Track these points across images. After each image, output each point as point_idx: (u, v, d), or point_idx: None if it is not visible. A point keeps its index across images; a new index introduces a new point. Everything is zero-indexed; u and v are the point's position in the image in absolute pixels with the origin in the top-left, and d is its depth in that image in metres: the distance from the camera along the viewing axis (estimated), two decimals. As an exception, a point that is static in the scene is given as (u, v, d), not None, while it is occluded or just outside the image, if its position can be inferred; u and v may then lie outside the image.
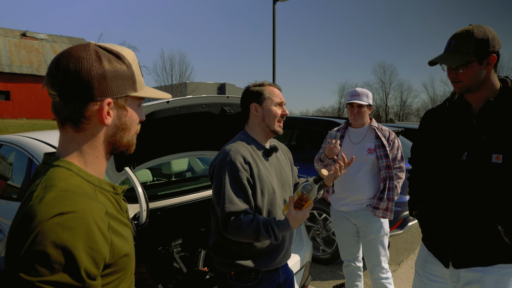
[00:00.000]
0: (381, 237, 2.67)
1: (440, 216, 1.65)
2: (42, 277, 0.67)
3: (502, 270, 1.52)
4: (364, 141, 2.67)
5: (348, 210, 2.71)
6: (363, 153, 2.64)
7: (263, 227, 1.54)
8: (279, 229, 1.54)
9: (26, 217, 0.71)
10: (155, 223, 2.55)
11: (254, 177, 1.65)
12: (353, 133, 2.75)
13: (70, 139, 0.85)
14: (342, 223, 2.78)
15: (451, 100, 1.70)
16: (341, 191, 2.74)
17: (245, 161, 1.64)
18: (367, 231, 2.67)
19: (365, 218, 2.66)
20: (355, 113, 2.67)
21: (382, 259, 2.68)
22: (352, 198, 2.68)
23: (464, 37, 1.51)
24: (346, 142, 2.73)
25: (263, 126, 1.76)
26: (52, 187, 0.76)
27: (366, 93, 2.67)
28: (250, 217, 1.57)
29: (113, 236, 0.79)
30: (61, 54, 0.82)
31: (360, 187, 2.64)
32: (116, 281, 0.83)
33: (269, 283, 1.77)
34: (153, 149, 2.47)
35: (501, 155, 1.46)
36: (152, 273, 1.92)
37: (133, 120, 0.91)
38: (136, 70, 0.89)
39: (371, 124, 2.72)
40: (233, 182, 1.60)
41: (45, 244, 0.67)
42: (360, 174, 2.64)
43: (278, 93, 1.78)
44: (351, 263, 2.86)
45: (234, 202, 1.57)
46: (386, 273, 2.69)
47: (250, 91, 1.79)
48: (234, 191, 1.59)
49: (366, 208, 2.65)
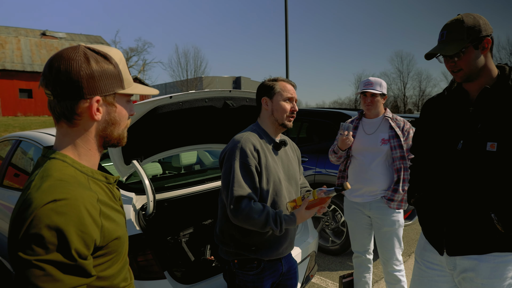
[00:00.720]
0: (396, 229, 2.63)
1: (436, 204, 1.67)
2: (38, 256, 0.75)
3: (497, 259, 1.52)
4: (378, 132, 2.64)
5: (362, 201, 2.68)
6: (377, 144, 2.61)
7: (272, 218, 1.62)
8: (285, 222, 1.64)
9: (24, 203, 0.81)
10: (163, 214, 2.65)
11: (261, 165, 1.72)
12: (367, 123, 2.71)
13: (64, 134, 0.93)
14: (355, 215, 2.75)
15: (449, 88, 1.70)
16: (355, 182, 2.70)
17: (254, 149, 1.72)
18: (381, 223, 2.63)
19: (379, 210, 2.62)
20: (368, 102, 2.63)
21: (396, 251, 2.65)
22: (366, 189, 2.65)
23: (455, 26, 1.52)
24: (360, 133, 2.70)
25: (272, 119, 1.82)
26: (47, 177, 0.85)
27: (380, 82, 2.62)
28: (260, 206, 1.64)
29: (104, 220, 0.88)
30: (54, 56, 0.90)
31: (374, 178, 2.61)
32: (108, 262, 0.92)
33: (272, 272, 1.82)
34: (160, 143, 2.55)
35: (495, 143, 1.46)
36: (159, 260, 2.01)
37: (122, 116, 0.98)
38: (123, 69, 0.96)
39: (385, 115, 2.68)
40: (243, 168, 1.67)
41: (40, 227, 0.76)
42: (374, 165, 2.61)
43: (290, 89, 1.83)
44: (361, 255, 2.83)
45: (243, 186, 1.64)
46: (399, 265, 2.67)
47: (263, 85, 1.86)
48: (242, 176, 1.66)
49: (380, 200, 2.62)
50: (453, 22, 1.53)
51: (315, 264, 2.82)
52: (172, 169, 3.92)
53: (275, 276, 1.85)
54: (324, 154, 4.25)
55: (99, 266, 0.89)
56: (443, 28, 1.56)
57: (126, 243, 1.01)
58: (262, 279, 1.79)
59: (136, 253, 1.96)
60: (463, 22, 1.50)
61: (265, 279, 1.80)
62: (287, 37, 14.38)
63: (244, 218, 1.61)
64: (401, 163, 2.58)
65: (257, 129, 1.84)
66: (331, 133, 4.36)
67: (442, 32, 1.56)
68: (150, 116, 2.11)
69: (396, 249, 2.65)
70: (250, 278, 1.78)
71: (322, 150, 4.30)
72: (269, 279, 1.82)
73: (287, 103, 1.80)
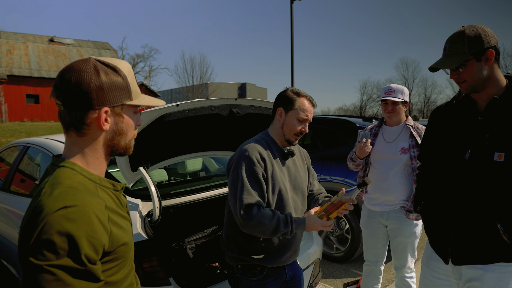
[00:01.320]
0: (412, 240, 2.60)
1: (442, 213, 1.67)
2: (49, 261, 0.78)
3: (502, 269, 1.52)
4: (398, 140, 2.58)
5: (381, 210, 2.64)
6: (396, 153, 2.55)
7: (283, 220, 1.65)
8: (296, 224, 1.66)
9: (35, 210, 0.83)
10: (169, 220, 2.67)
11: (268, 174, 1.73)
12: (387, 131, 2.66)
13: (73, 143, 0.97)
14: (372, 224, 2.71)
15: (457, 97, 1.71)
16: (373, 191, 2.67)
17: (261, 157, 1.73)
18: (398, 233, 2.60)
19: (397, 221, 2.58)
20: (389, 110, 2.58)
21: (409, 260, 2.64)
22: (385, 199, 2.61)
23: (457, 39, 1.53)
24: (379, 141, 2.66)
25: (280, 132, 1.83)
26: (58, 185, 0.88)
27: (402, 89, 2.57)
28: (270, 212, 1.65)
29: (113, 227, 0.91)
30: (65, 68, 0.93)
31: (392, 187, 2.57)
32: (116, 268, 0.95)
33: (275, 279, 1.83)
34: (166, 150, 2.58)
35: (503, 153, 1.46)
36: (164, 267, 2.03)
37: (129, 126, 1.02)
38: (131, 81, 0.99)
39: (407, 123, 2.62)
40: (250, 176, 1.69)
41: (51, 233, 0.79)
42: (392, 174, 2.57)
43: (308, 109, 1.79)
44: (372, 265, 2.80)
45: (252, 194, 1.65)
46: (410, 273, 2.68)
47: (285, 95, 1.82)
48: (251, 184, 1.67)
49: (399, 210, 2.58)
50: (455, 35, 1.55)
51: (319, 271, 2.82)
52: (178, 175, 3.95)
53: (278, 283, 1.85)
54: (328, 161, 4.26)
55: (107, 271, 0.92)
56: (447, 41, 1.58)
57: (132, 249, 1.03)
58: (265, 286, 1.80)
59: (142, 260, 1.98)
60: (464, 34, 1.51)
61: (268, 285, 1.80)
62: (292, 43, 14.46)
63: (256, 225, 1.62)
64: None
65: (266, 137, 1.85)
66: (336, 140, 4.37)
67: (445, 45, 1.59)
68: (157, 123, 2.14)
69: (409, 258, 2.65)
70: (252, 284, 1.79)
71: (327, 157, 4.31)
72: (272, 285, 1.82)
73: (299, 124, 1.79)
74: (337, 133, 4.37)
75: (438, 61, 1.60)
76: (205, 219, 3.05)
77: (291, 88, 1.85)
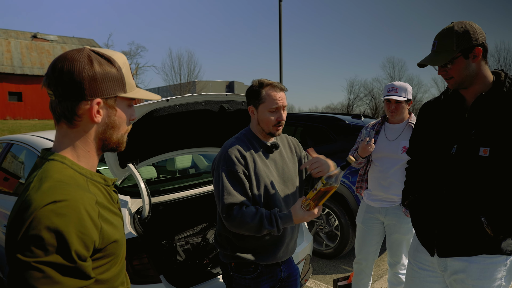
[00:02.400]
0: (409, 238, 2.61)
1: (428, 206, 1.69)
2: (37, 258, 0.75)
3: (486, 260, 1.56)
4: (400, 139, 2.55)
5: (380, 206, 2.64)
6: (397, 151, 2.53)
7: (267, 219, 1.59)
8: (282, 220, 1.59)
9: (23, 205, 0.80)
10: (158, 217, 2.64)
11: (249, 171, 1.69)
12: (389, 129, 2.64)
13: (64, 135, 0.93)
14: (369, 220, 2.71)
15: (446, 93, 1.73)
16: (374, 188, 2.67)
17: (241, 155, 1.69)
18: (395, 230, 2.61)
19: (395, 218, 2.58)
20: (393, 109, 2.54)
21: (404, 256, 2.66)
22: (385, 196, 2.61)
23: (446, 35, 1.54)
24: (381, 138, 2.63)
25: (259, 128, 1.77)
26: (47, 178, 0.84)
27: (405, 87, 2.52)
28: (253, 210, 1.60)
29: (103, 223, 0.88)
30: (58, 57, 0.90)
31: (392, 185, 2.56)
32: (107, 265, 0.92)
33: (269, 277, 1.80)
34: (156, 146, 2.55)
35: (488, 148, 1.49)
36: (154, 264, 2.00)
37: (122, 119, 0.99)
38: (126, 73, 0.96)
39: (409, 120, 2.59)
40: (230, 175, 1.66)
41: (40, 229, 0.76)
42: (392, 172, 2.55)
43: (276, 97, 1.71)
44: (362, 262, 2.80)
45: (232, 194, 1.62)
46: (404, 269, 2.70)
47: (250, 90, 1.77)
48: (231, 184, 1.64)
49: (398, 207, 2.57)
50: (444, 31, 1.56)
51: (309, 267, 2.83)
52: (167, 173, 3.91)
53: (273, 281, 1.82)
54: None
55: (98, 269, 0.89)
56: (435, 37, 1.60)
57: (124, 246, 1.00)
58: (259, 284, 1.77)
59: (132, 257, 1.95)
60: (453, 31, 1.53)
61: (262, 283, 1.77)
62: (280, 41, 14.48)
63: (238, 224, 1.60)
64: None
65: (247, 133, 1.81)
66: (325, 137, 4.39)
67: (434, 41, 1.60)
68: (147, 119, 2.10)
69: (403, 255, 2.67)
70: (246, 282, 1.76)
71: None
72: (266, 284, 1.79)
73: (272, 115, 1.72)
74: (326, 130, 4.39)
75: (426, 57, 1.62)
76: (195, 216, 3.03)
77: (256, 80, 1.76)
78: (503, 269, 1.56)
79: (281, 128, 1.76)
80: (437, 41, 1.58)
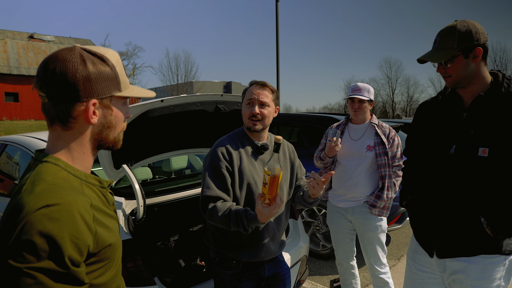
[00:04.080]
0: (378, 234, 2.65)
1: (427, 207, 1.69)
2: (29, 264, 0.72)
3: (485, 260, 1.55)
4: (364, 138, 2.65)
5: (345, 206, 2.69)
6: (362, 150, 2.62)
7: (234, 217, 1.59)
8: (247, 220, 1.57)
9: (15, 208, 0.77)
10: (153, 219, 2.62)
11: (233, 167, 1.72)
12: (353, 129, 2.72)
13: (58, 137, 0.90)
14: (338, 219, 2.77)
15: (443, 93, 1.72)
16: (339, 187, 2.72)
17: (227, 151, 1.74)
18: (364, 228, 2.65)
19: (362, 215, 2.64)
20: (356, 108, 2.64)
21: (380, 254, 2.68)
22: (350, 195, 2.66)
23: (448, 33, 1.54)
24: (345, 138, 2.71)
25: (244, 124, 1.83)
26: (40, 181, 0.82)
27: (368, 88, 2.64)
28: (226, 205, 1.64)
29: (98, 227, 0.85)
30: (49, 57, 0.87)
31: (358, 184, 2.63)
32: (101, 269, 0.89)
33: (251, 275, 1.81)
34: (151, 147, 2.53)
35: (487, 149, 1.48)
36: (149, 266, 1.98)
37: (118, 119, 0.96)
38: (120, 71, 0.94)
39: (371, 121, 2.70)
40: (212, 169, 1.72)
41: (32, 234, 0.73)
42: (358, 171, 2.62)
43: (253, 91, 1.77)
44: (343, 262, 2.83)
45: (211, 188, 1.67)
46: (384, 268, 2.70)
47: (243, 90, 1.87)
48: (212, 178, 1.70)
49: (363, 205, 2.63)
50: (447, 29, 1.56)
51: (306, 268, 2.81)
52: (163, 173, 3.89)
53: (256, 279, 1.83)
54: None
55: (92, 273, 0.86)
56: (438, 34, 1.59)
57: (119, 249, 0.97)
58: (240, 280, 1.78)
59: (126, 259, 1.93)
60: (456, 29, 1.52)
61: (243, 280, 1.79)
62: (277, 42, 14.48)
63: (210, 218, 1.65)
64: (385, 170, 2.58)
65: (239, 132, 1.86)
66: (321, 137, 4.39)
67: (436, 37, 1.59)
68: (141, 119, 2.09)
69: (379, 253, 2.68)
70: (228, 277, 1.79)
71: (313, 154, 4.31)
72: (248, 280, 1.80)
73: (247, 108, 1.78)
74: (323, 131, 4.38)
75: (427, 53, 1.61)
76: (190, 218, 3.01)
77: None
78: (502, 269, 1.55)
79: (258, 123, 1.77)
80: (438, 38, 1.57)
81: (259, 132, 1.80)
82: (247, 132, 1.83)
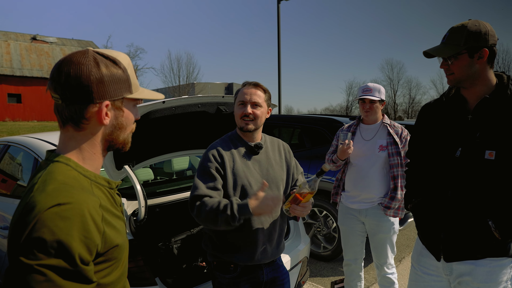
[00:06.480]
0: (391, 236, 2.64)
1: (434, 210, 1.67)
2: (40, 261, 0.74)
3: (492, 263, 1.55)
4: (376, 138, 2.63)
5: (359, 208, 2.67)
6: (374, 150, 2.60)
7: (223, 205, 1.58)
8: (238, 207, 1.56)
9: (27, 207, 0.79)
10: (154, 219, 2.63)
11: (226, 169, 1.73)
12: (365, 129, 2.71)
13: (70, 138, 0.93)
14: (350, 221, 2.74)
15: (447, 95, 1.71)
16: (352, 189, 2.70)
17: (218, 154, 1.74)
18: (377, 230, 2.64)
19: (376, 217, 2.62)
20: (367, 108, 2.63)
21: (390, 256, 2.68)
22: (364, 196, 2.64)
23: (458, 30, 1.54)
24: (357, 139, 2.69)
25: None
26: (51, 180, 0.84)
27: (378, 88, 2.62)
28: (214, 200, 1.63)
29: (106, 227, 0.87)
30: (63, 60, 0.89)
31: (371, 185, 2.61)
32: (108, 269, 0.91)
33: (250, 279, 1.79)
34: (152, 148, 2.54)
35: (494, 151, 1.48)
36: (150, 267, 1.99)
37: (129, 120, 1.00)
38: (131, 74, 0.97)
39: (383, 121, 2.68)
40: (202, 170, 1.73)
41: (43, 231, 0.75)
42: (371, 172, 2.60)
43: (244, 92, 1.78)
44: (352, 263, 2.82)
45: (199, 187, 1.68)
46: (392, 269, 2.71)
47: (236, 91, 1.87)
48: (201, 179, 1.71)
49: (377, 207, 2.61)
50: (458, 26, 1.56)
51: (307, 270, 2.82)
52: (164, 174, 3.90)
53: (255, 284, 1.81)
54: (316, 160, 4.27)
55: (99, 272, 0.88)
56: (448, 30, 1.59)
57: (126, 250, 0.99)
58: (238, 284, 1.77)
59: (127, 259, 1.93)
60: (466, 27, 1.52)
61: (241, 284, 1.78)
62: (279, 43, 14.50)
63: (198, 215, 1.63)
64: (398, 170, 2.57)
65: (232, 135, 1.86)
66: (323, 139, 4.39)
67: (446, 33, 1.59)
68: (143, 120, 2.10)
69: (389, 254, 2.68)
70: (226, 281, 1.78)
71: (314, 156, 4.32)
72: (247, 285, 1.79)
73: (239, 108, 1.78)
74: (324, 132, 4.39)
75: (434, 47, 1.61)
76: (191, 218, 3.01)
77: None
78: (508, 272, 1.55)
79: (250, 123, 1.77)
80: (448, 34, 1.57)
81: (252, 132, 1.79)
82: (240, 133, 1.84)
